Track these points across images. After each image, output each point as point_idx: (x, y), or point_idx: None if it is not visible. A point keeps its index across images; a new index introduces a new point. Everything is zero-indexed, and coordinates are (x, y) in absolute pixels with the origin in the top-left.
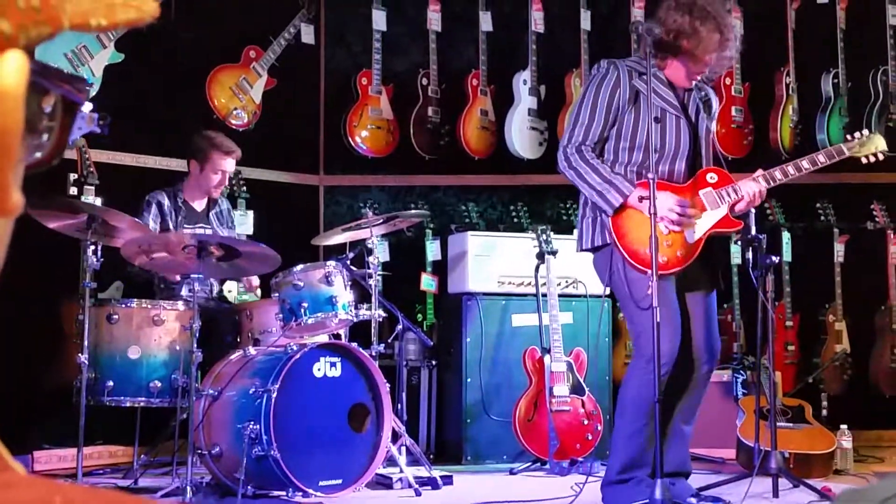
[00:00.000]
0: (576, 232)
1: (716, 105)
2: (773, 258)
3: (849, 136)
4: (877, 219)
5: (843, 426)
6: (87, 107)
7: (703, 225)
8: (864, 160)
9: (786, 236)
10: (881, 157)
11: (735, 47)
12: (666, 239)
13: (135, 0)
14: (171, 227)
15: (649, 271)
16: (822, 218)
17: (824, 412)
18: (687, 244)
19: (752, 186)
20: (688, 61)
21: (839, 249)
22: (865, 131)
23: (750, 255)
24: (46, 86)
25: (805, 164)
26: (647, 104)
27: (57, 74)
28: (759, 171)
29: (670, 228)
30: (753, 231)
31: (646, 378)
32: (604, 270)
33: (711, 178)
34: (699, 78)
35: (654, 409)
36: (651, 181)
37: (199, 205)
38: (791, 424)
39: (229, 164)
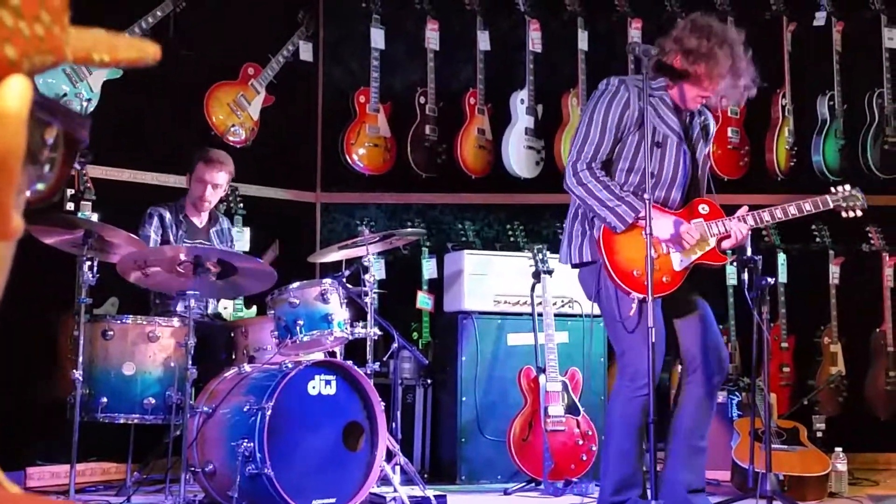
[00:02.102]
0: (562, 245)
1: (713, 129)
2: (769, 280)
3: (833, 189)
4: (872, 241)
5: (838, 449)
6: None
7: (691, 255)
8: (844, 214)
9: (781, 258)
10: (860, 213)
11: (746, 81)
12: (654, 263)
13: (137, 41)
14: (171, 240)
15: (633, 293)
16: (818, 240)
17: (819, 434)
18: (673, 271)
19: (738, 225)
20: (697, 84)
21: (835, 271)
22: (847, 186)
23: (746, 276)
24: (48, 119)
25: (792, 209)
26: (647, 126)
27: (59, 108)
28: (744, 209)
29: (679, 248)
30: (749, 252)
31: (629, 397)
32: (590, 286)
33: (703, 209)
34: (704, 102)
35: (643, 429)
36: (647, 202)
37: (200, 221)
38: (786, 447)
39: (213, 177)
